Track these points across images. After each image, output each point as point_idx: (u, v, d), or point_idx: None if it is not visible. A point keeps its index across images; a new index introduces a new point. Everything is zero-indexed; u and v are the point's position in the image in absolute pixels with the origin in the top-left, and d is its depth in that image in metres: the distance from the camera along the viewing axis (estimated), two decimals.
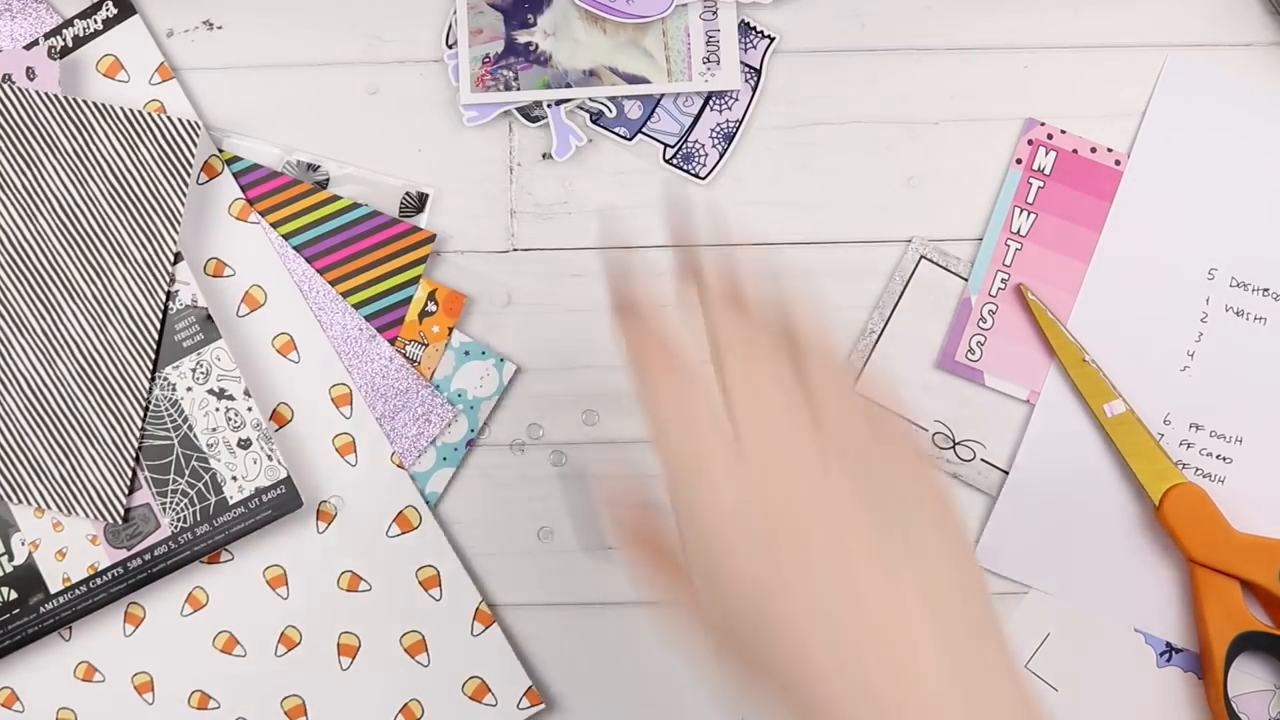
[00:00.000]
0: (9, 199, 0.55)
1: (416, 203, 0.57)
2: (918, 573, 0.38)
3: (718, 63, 0.54)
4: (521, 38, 0.55)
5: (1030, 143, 0.58)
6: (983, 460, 0.56)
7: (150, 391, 0.55)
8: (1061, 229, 0.57)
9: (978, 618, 0.38)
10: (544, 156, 0.58)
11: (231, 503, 0.55)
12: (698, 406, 0.41)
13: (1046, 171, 0.57)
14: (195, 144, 0.55)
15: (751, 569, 0.38)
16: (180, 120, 0.55)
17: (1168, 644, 0.55)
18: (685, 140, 0.57)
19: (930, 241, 0.57)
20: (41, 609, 0.55)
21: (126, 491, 0.55)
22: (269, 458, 0.55)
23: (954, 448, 0.56)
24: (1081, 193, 0.57)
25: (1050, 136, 0.58)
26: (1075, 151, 0.57)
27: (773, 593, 0.38)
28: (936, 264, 0.57)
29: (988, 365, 0.57)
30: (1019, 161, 0.58)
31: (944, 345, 0.57)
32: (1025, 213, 0.57)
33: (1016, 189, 0.57)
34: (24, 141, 0.55)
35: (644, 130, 0.57)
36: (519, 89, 0.54)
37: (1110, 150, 0.57)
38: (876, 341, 0.57)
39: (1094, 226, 0.57)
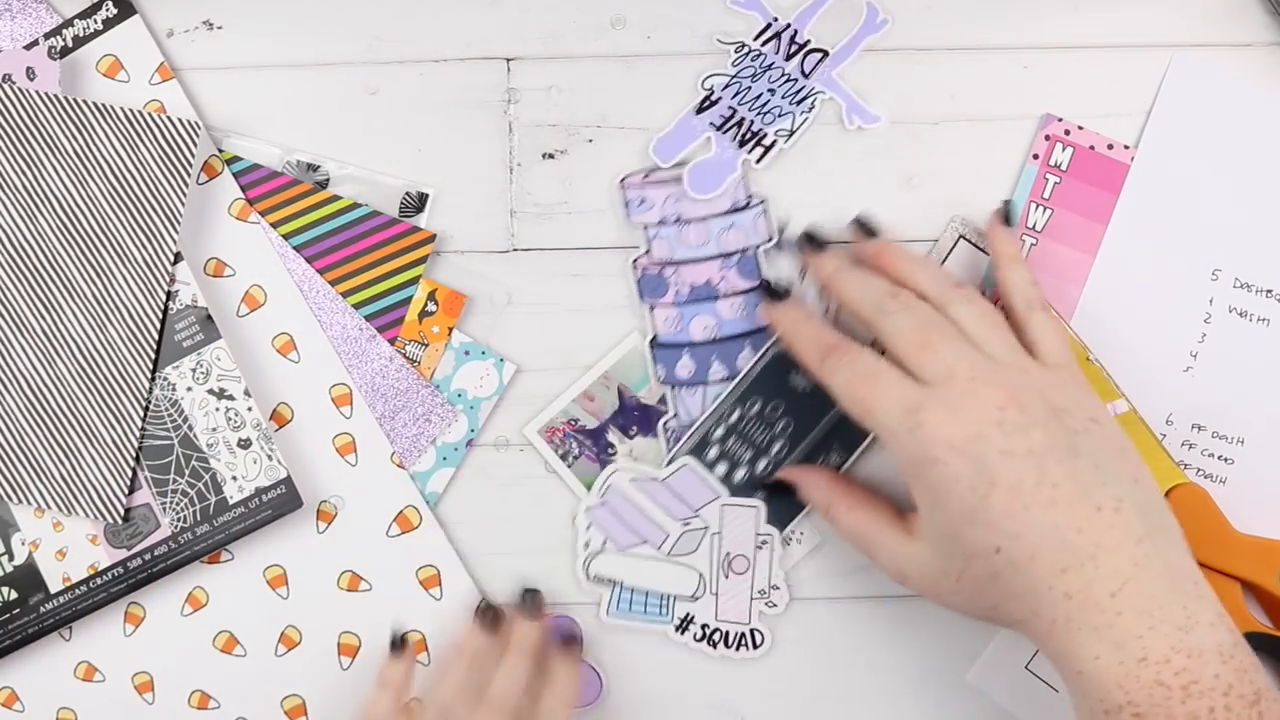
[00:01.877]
0: (9, 199, 0.55)
1: (416, 203, 0.57)
2: (1116, 498, 0.46)
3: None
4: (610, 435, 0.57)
5: (1048, 138, 0.57)
6: None
7: (150, 391, 0.55)
8: (1077, 225, 0.57)
9: (1162, 523, 0.47)
10: (544, 157, 0.58)
11: (231, 503, 0.55)
12: (876, 365, 0.49)
13: (1063, 167, 0.57)
14: (195, 144, 0.55)
15: (973, 502, 0.46)
16: (180, 120, 0.55)
17: None
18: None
19: (969, 222, 0.57)
20: (41, 609, 0.55)
21: (126, 491, 0.55)
22: (269, 458, 0.55)
23: None
24: (1099, 189, 0.57)
25: (1068, 132, 0.57)
26: (1092, 148, 0.57)
27: (999, 527, 0.46)
28: (975, 245, 0.57)
29: None
30: (1035, 157, 0.57)
31: None
32: (1041, 208, 0.57)
33: (1033, 184, 0.57)
34: (24, 141, 0.55)
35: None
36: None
37: (1127, 147, 0.57)
38: None
39: (1108, 223, 0.57)
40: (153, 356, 0.55)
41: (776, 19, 0.58)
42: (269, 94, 0.58)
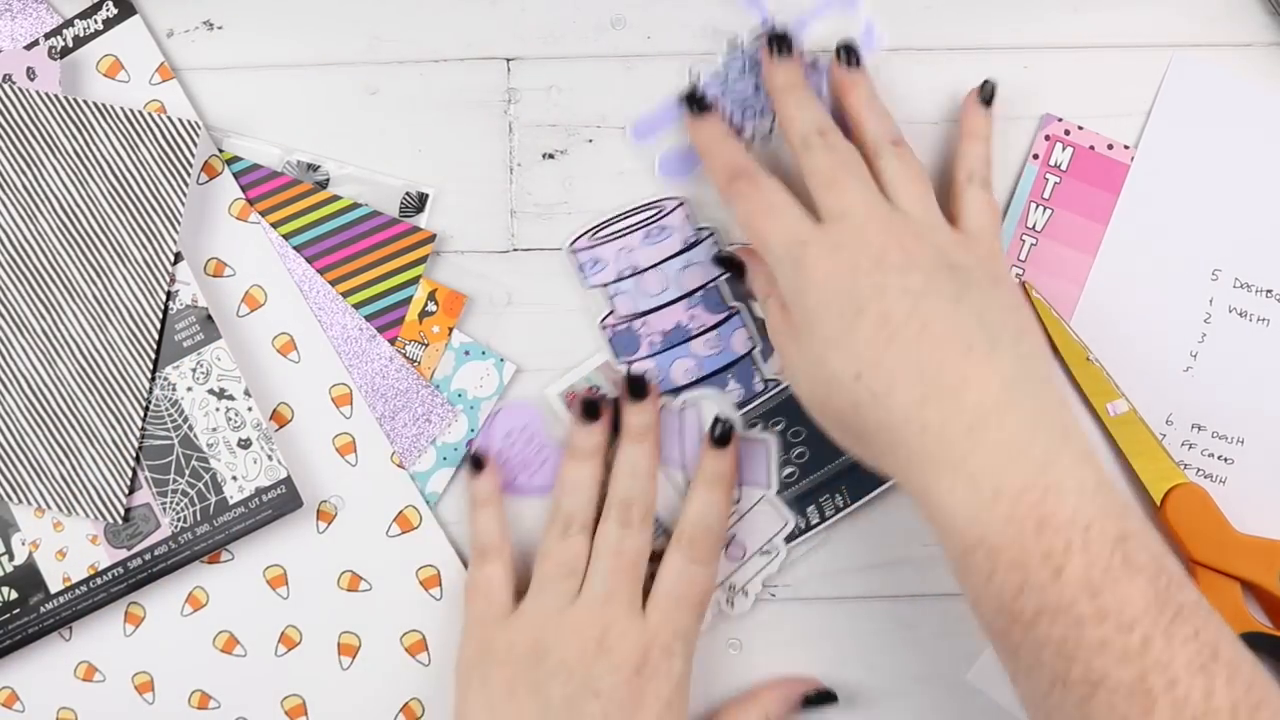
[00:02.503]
0: (9, 199, 0.55)
1: (416, 203, 0.57)
2: (991, 342, 0.45)
3: None
4: None
5: (1048, 138, 0.57)
6: None
7: (150, 391, 0.55)
8: (1077, 225, 0.57)
9: (1042, 375, 0.46)
10: (544, 157, 0.58)
11: (232, 503, 0.55)
12: (778, 198, 0.49)
13: (1063, 167, 0.57)
14: (195, 144, 0.55)
15: (837, 330, 0.46)
16: (180, 120, 0.55)
17: None
18: None
19: None
20: (42, 609, 0.55)
21: (126, 491, 0.55)
22: (269, 458, 0.55)
23: None
24: (1099, 189, 0.57)
25: (1068, 132, 0.57)
26: (1092, 148, 0.57)
27: (860, 354, 0.45)
28: None
29: None
30: (1035, 157, 0.57)
31: None
32: (1041, 208, 0.57)
33: (1033, 184, 0.57)
34: (24, 141, 0.55)
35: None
36: None
37: (1127, 148, 0.57)
38: None
39: (1108, 223, 0.57)
40: (153, 356, 0.55)
41: (774, 19, 0.58)
42: (269, 94, 0.58)
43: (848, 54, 0.54)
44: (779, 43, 0.53)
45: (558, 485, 0.54)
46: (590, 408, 0.54)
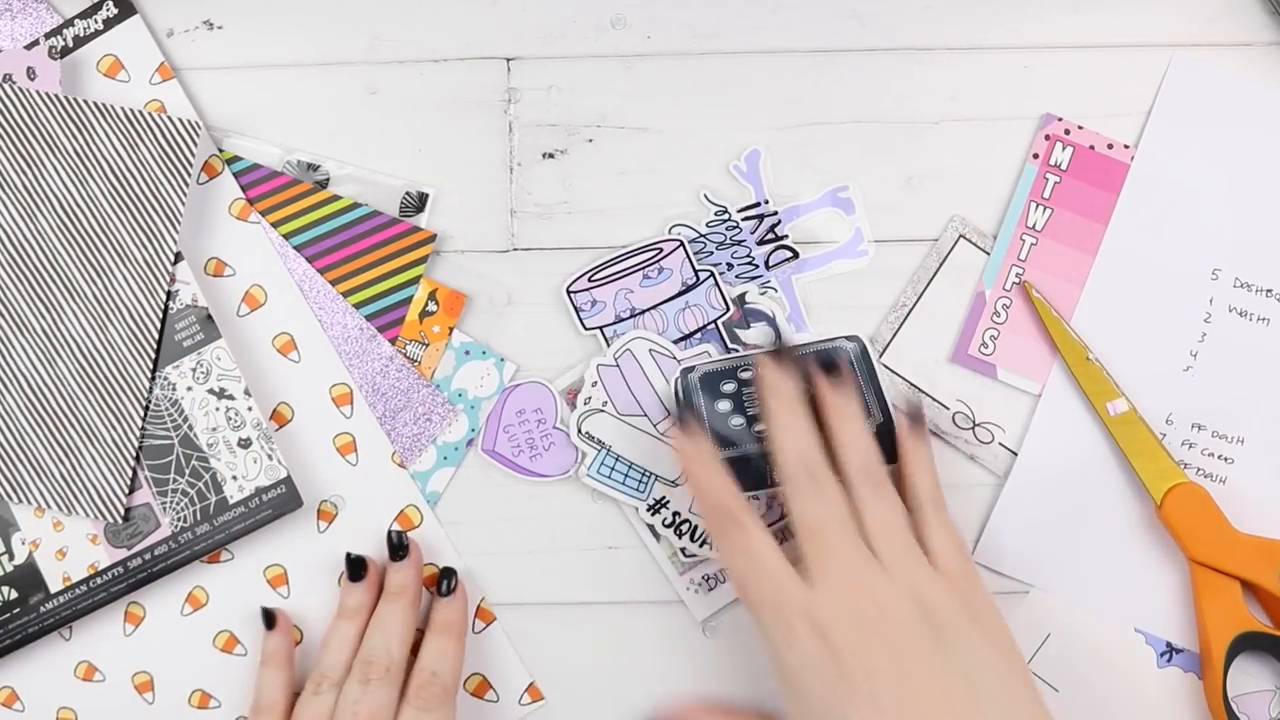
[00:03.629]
0: (9, 199, 0.55)
1: (416, 203, 0.57)
2: (975, 694, 0.45)
3: None
4: None
5: (1048, 138, 0.57)
6: (1000, 445, 0.56)
7: (150, 391, 0.55)
8: (1077, 225, 0.57)
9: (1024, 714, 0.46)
10: (544, 157, 0.58)
11: (232, 502, 0.55)
12: (767, 556, 0.48)
13: (1063, 167, 0.57)
14: (195, 144, 0.55)
15: (827, 695, 0.46)
16: (180, 120, 0.55)
17: (1168, 644, 0.55)
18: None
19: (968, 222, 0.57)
20: (42, 608, 0.55)
21: (126, 491, 0.55)
22: (269, 457, 0.55)
23: (974, 429, 0.57)
24: (1099, 189, 0.57)
25: (1068, 132, 0.57)
26: (1092, 148, 0.57)
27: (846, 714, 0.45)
28: (975, 245, 0.57)
29: (1000, 359, 0.57)
30: (1035, 156, 0.57)
31: (957, 339, 0.57)
32: (1041, 208, 0.57)
33: (1033, 184, 0.57)
34: (24, 141, 0.55)
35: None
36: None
37: (1127, 147, 0.57)
38: (906, 317, 0.57)
39: (1108, 223, 0.57)
40: (153, 356, 0.55)
41: (768, 201, 0.57)
42: (269, 94, 0.58)
43: (829, 368, 0.52)
44: (778, 350, 0.52)
45: (322, 642, 0.54)
46: (356, 568, 0.55)
